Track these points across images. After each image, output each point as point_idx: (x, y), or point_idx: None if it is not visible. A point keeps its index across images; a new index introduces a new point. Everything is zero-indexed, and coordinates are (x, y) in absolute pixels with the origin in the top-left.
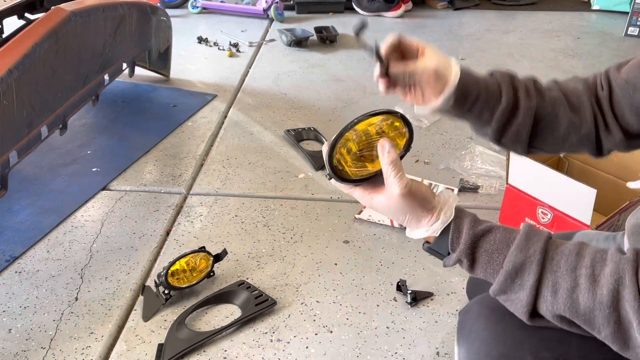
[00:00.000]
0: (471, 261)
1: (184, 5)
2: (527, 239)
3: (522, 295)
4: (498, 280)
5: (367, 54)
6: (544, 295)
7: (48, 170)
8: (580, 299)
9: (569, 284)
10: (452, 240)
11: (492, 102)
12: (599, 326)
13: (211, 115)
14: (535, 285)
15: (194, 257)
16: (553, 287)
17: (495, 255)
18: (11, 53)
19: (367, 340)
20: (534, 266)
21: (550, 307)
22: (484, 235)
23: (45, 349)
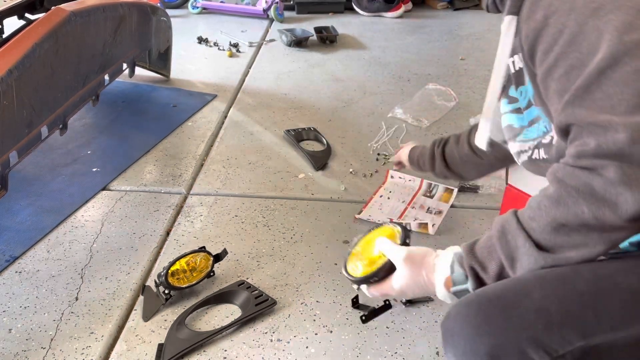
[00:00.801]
0: (479, 263)
1: (184, 5)
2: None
3: (520, 240)
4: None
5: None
6: (527, 226)
7: (48, 170)
8: (546, 204)
9: (534, 205)
10: (459, 263)
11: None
12: (576, 209)
13: (211, 116)
14: (519, 226)
15: (194, 257)
16: (528, 217)
17: (487, 242)
18: (11, 53)
19: (367, 340)
20: (510, 218)
21: (537, 230)
22: (475, 242)
23: (45, 349)
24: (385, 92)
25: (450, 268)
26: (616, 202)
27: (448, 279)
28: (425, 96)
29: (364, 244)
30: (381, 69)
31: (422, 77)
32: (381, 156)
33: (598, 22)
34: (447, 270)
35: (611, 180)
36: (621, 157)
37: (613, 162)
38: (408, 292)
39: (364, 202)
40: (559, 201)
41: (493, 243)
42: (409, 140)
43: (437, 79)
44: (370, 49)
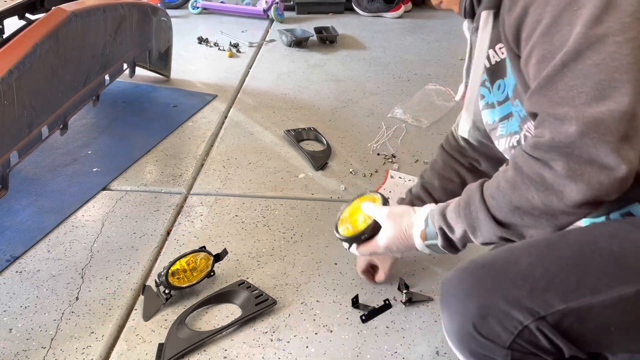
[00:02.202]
0: (446, 224)
1: (185, 5)
2: (468, 187)
3: (481, 214)
4: (462, 219)
5: None
6: (488, 202)
7: (48, 170)
8: (503, 185)
9: (494, 185)
10: (432, 221)
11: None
12: (528, 195)
13: (211, 116)
14: (481, 199)
15: (194, 256)
16: (489, 194)
17: (456, 209)
18: (12, 53)
19: (367, 339)
20: (475, 191)
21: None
22: (447, 205)
23: (45, 349)
24: (385, 92)
25: (425, 222)
26: (562, 192)
27: (422, 232)
28: (425, 96)
29: (351, 210)
30: (381, 69)
31: (422, 77)
32: (381, 156)
33: (571, 16)
34: (422, 224)
35: (559, 173)
36: (570, 151)
37: (562, 157)
38: (393, 247)
39: None
40: (514, 186)
41: (459, 211)
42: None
43: (437, 79)
44: (370, 49)
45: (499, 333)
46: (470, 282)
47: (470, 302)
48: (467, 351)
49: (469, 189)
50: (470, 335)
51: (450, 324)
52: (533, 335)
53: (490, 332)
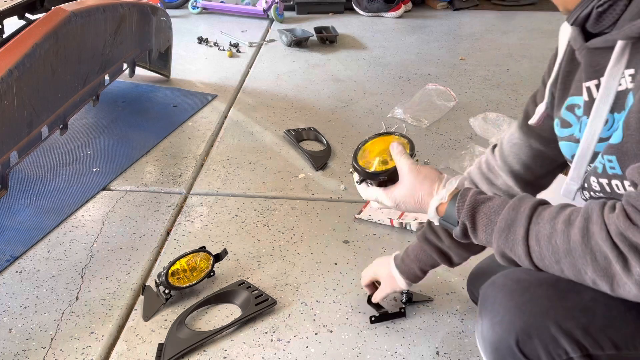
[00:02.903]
0: (472, 224)
1: (184, 5)
2: (521, 199)
3: (519, 250)
4: (494, 238)
5: None
6: (531, 245)
7: (48, 170)
8: (558, 242)
9: (548, 230)
10: (458, 207)
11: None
12: (582, 267)
13: (211, 116)
14: (525, 237)
15: (194, 257)
16: (536, 236)
17: (493, 217)
18: (12, 53)
19: (367, 340)
20: (523, 220)
21: (539, 256)
22: (484, 201)
23: (45, 349)
24: (385, 92)
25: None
26: (619, 287)
27: (443, 206)
28: (425, 96)
29: (376, 145)
30: (381, 69)
31: (422, 77)
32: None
33: None
34: (445, 198)
35: (631, 273)
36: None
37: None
38: (402, 205)
39: (364, 202)
40: (569, 252)
41: (494, 226)
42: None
43: (437, 79)
44: (370, 49)
45: (541, 356)
46: (524, 297)
47: (518, 318)
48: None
49: (517, 206)
50: (510, 349)
51: (490, 332)
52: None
53: (532, 353)
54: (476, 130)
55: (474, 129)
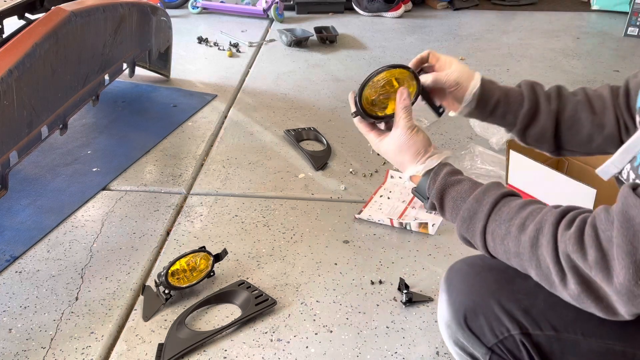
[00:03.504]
0: (440, 205)
1: (184, 5)
2: (485, 191)
3: (477, 240)
4: (457, 224)
5: None
6: (487, 240)
7: (48, 170)
8: (510, 245)
9: (503, 232)
10: (428, 185)
11: (515, 107)
12: (527, 268)
13: (211, 115)
14: (482, 232)
15: (194, 257)
16: (492, 234)
17: (458, 202)
18: (11, 53)
19: (367, 340)
20: (482, 215)
21: (493, 250)
22: (453, 184)
23: (45, 349)
24: None
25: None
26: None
27: (416, 177)
28: None
29: (384, 80)
30: None
31: None
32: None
33: None
34: (421, 171)
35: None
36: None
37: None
38: (383, 154)
39: (364, 202)
40: (519, 254)
41: (458, 212)
42: None
43: None
44: (370, 49)
45: (485, 332)
46: (474, 280)
47: (468, 297)
48: (452, 340)
49: (481, 198)
50: (460, 325)
51: (445, 311)
52: (515, 345)
53: (477, 329)
54: (476, 130)
55: (474, 129)
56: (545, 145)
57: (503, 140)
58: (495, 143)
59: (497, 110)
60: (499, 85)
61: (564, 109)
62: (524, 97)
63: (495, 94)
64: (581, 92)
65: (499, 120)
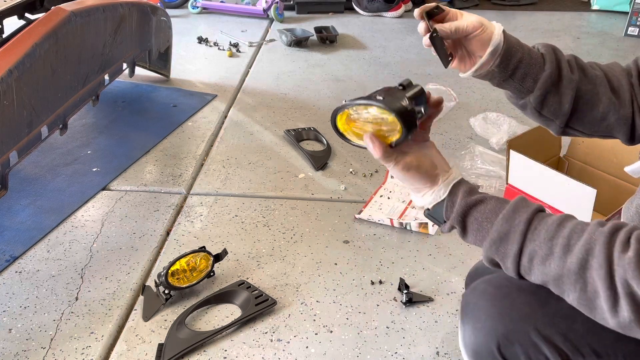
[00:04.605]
0: (462, 228)
1: (184, 5)
2: (515, 209)
3: (508, 263)
4: (485, 247)
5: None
6: (523, 262)
7: (48, 170)
8: (552, 266)
9: (544, 251)
10: (446, 209)
11: (536, 69)
12: (567, 290)
13: (211, 115)
14: (517, 254)
15: (194, 257)
16: (529, 255)
17: (484, 224)
18: (11, 53)
19: (367, 340)
20: (517, 235)
21: (526, 271)
22: (475, 205)
23: (45, 349)
24: None
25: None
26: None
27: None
28: None
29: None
30: (381, 69)
31: (422, 77)
32: None
33: None
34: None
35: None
36: None
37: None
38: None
39: (364, 202)
40: (561, 276)
41: (485, 233)
42: None
43: (437, 79)
44: (370, 49)
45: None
46: (504, 303)
47: (500, 323)
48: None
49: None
50: (492, 354)
51: (472, 338)
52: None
53: (513, 358)
54: (476, 130)
55: (474, 129)
56: (558, 121)
57: (503, 140)
58: (496, 143)
59: (518, 70)
60: (518, 40)
61: (584, 80)
62: (545, 59)
63: (518, 49)
64: (596, 66)
65: (518, 83)
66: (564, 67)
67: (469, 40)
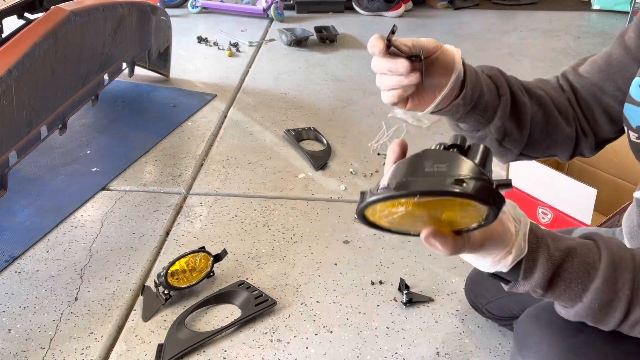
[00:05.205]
0: (545, 290)
1: (184, 5)
2: (615, 269)
3: (601, 327)
4: (577, 313)
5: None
6: (623, 328)
7: (48, 170)
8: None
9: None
10: (525, 271)
11: (493, 96)
12: None
13: (211, 115)
14: (619, 322)
15: (194, 257)
16: (633, 322)
17: (573, 284)
18: (11, 53)
19: (367, 340)
20: (622, 304)
21: (624, 332)
22: (562, 264)
23: (44, 349)
24: None
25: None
26: None
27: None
28: None
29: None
30: None
31: None
32: (381, 156)
33: None
34: (507, 267)
35: None
36: None
37: None
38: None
39: None
40: None
41: (576, 297)
42: None
43: None
44: None
45: None
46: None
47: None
48: None
49: (614, 280)
50: None
51: None
52: None
53: None
54: None
55: None
56: (516, 149)
57: None
58: None
59: (481, 99)
60: (470, 65)
61: (532, 102)
62: (497, 84)
63: (475, 75)
64: (534, 85)
65: (479, 114)
66: (516, 90)
67: (430, 62)
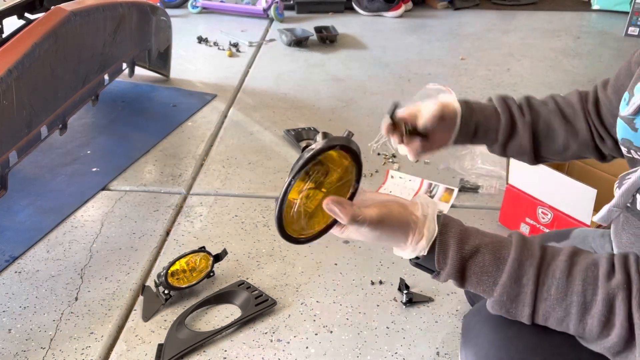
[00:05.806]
0: (460, 281)
1: (184, 5)
2: (520, 265)
3: (521, 319)
4: (489, 304)
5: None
6: (537, 321)
7: (48, 170)
8: (570, 326)
9: (560, 314)
10: (438, 260)
11: (493, 122)
12: (587, 344)
13: (211, 115)
14: (530, 315)
15: (194, 257)
16: (544, 316)
17: (484, 277)
18: (11, 53)
19: (367, 340)
20: (527, 298)
21: (541, 322)
22: (471, 257)
23: (45, 349)
24: (385, 91)
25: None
26: None
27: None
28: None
29: (303, 188)
30: (381, 68)
31: (422, 77)
32: (381, 156)
33: None
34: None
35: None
36: None
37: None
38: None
39: None
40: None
41: (488, 289)
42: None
43: (437, 79)
44: (371, 49)
45: None
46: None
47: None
48: None
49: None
50: None
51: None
52: None
53: None
54: None
55: None
56: (525, 157)
57: None
58: None
59: (478, 131)
60: (472, 107)
61: (537, 119)
62: (498, 112)
63: (472, 114)
64: (551, 100)
65: (481, 140)
66: (515, 112)
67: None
